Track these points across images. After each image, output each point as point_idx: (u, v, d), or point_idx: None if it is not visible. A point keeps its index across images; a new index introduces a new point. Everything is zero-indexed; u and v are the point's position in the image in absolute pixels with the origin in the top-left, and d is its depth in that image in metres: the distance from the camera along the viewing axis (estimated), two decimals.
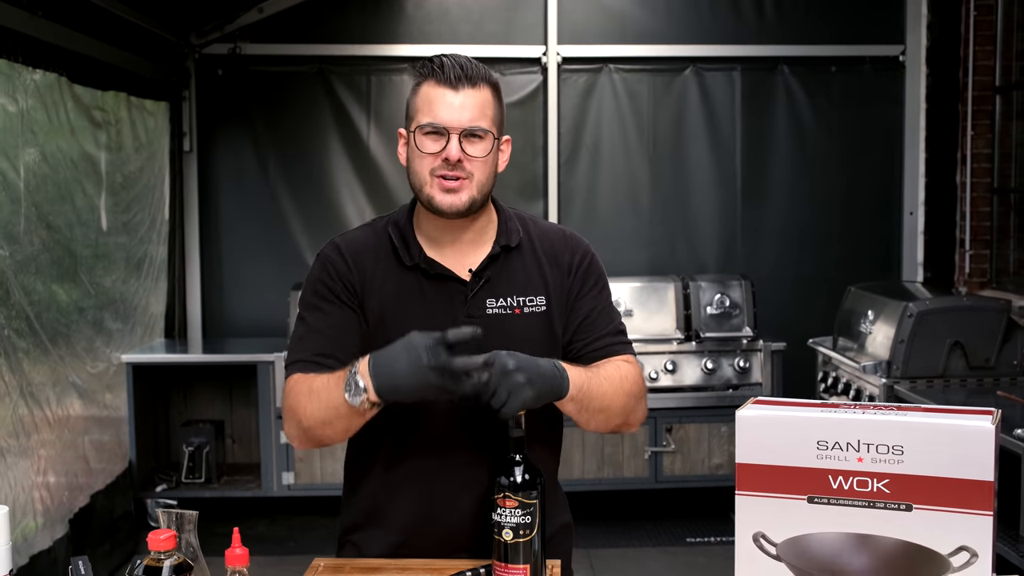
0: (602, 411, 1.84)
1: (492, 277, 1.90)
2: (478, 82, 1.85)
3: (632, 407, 1.90)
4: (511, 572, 1.62)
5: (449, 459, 1.87)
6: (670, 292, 5.38)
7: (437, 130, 1.83)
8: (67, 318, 4.52)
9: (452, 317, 1.87)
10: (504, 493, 1.61)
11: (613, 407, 1.86)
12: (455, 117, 1.83)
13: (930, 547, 1.59)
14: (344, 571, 1.81)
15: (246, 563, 1.47)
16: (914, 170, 6.01)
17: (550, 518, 1.93)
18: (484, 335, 1.63)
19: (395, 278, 1.90)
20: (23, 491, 3.99)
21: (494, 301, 1.90)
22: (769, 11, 5.94)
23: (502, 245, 1.93)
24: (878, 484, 1.62)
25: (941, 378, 4.15)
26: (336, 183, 5.92)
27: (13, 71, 3.88)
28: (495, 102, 1.89)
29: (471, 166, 1.84)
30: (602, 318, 1.96)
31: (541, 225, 2.02)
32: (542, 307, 1.91)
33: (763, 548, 1.70)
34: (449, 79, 1.83)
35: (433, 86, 1.85)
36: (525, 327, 1.89)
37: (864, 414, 1.65)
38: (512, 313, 1.90)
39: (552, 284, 1.93)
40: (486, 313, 1.89)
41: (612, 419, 1.87)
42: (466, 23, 5.90)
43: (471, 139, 1.84)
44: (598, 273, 1.99)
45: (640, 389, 1.92)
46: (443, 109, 1.83)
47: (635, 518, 5.31)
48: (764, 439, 1.69)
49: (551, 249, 1.97)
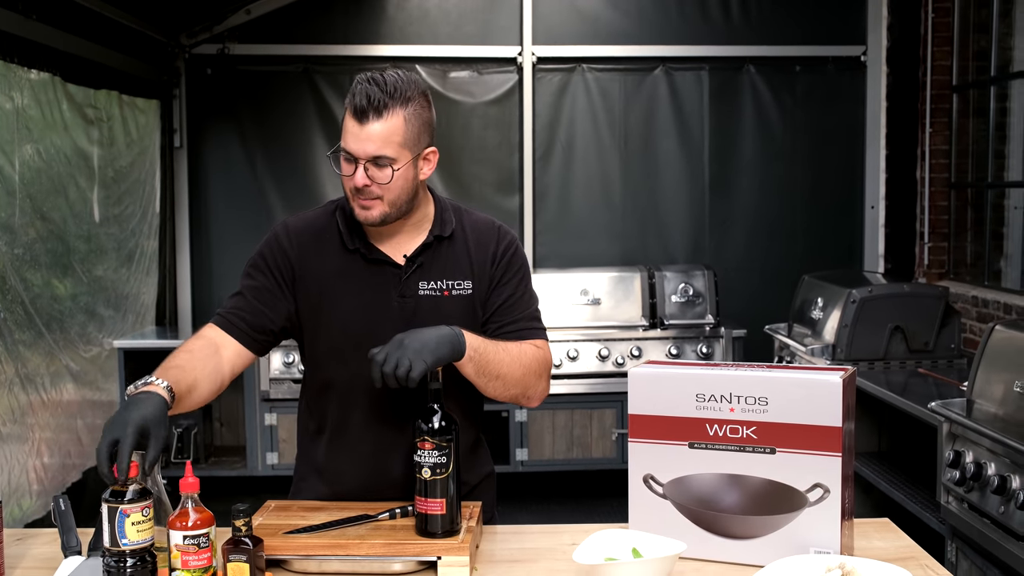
0: (498, 378, 2.04)
1: (425, 263, 2.12)
2: (384, 111, 1.96)
3: (530, 382, 2.10)
4: (430, 505, 1.87)
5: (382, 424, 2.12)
6: (636, 282, 5.64)
7: (347, 157, 2.00)
8: (61, 306, 4.75)
9: (386, 297, 2.10)
10: (423, 437, 1.87)
11: (509, 376, 2.05)
12: (360, 148, 1.97)
13: (791, 484, 1.85)
14: (292, 510, 2.06)
15: (197, 490, 1.72)
16: (875, 166, 6.26)
17: (474, 468, 2.20)
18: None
19: (337, 259, 2.11)
20: (19, 471, 4.23)
21: (425, 283, 2.11)
22: (736, 13, 6.19)
23: (436, 235, 2.13)
24: (747, 431, 1.88)
25: (883, 360, 4.39)
26: (320, 177, 6.17)
27: (9, 71, 4.12)
28: (405, 126, 1.99)
29: (379, 189, 2.00)
30: (519, 304, 2.15)
31: (475, 217, 2.21)
32: (468, 291, 2.13)
33: (652, 488, 1.96)
34: (356, 110, 1.97)
35: (349, 113, 1.99)
36: (451, 307, 2.10)
37: (736, 371, 1.91)
38: (441, 295, 2.11)
39: (477, 270, 2.14)
40: (418, 294, 2.10)
41: (509, 388, 2.07)
42: (445, 24, 6.14)
43: (376, 166, 1.99)
44: (520, 263, 2.18)
45: (541, 367, 2.12)
46: (350, 139, 1.98)
47: (603, 496, 5.54)
48: (652, 393, 1.95)
49: (479, 239, 2.16)
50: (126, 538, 1.68)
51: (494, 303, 2.15)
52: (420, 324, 2.01)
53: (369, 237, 2.13)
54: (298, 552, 1.86)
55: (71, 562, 1.86)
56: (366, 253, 2.12)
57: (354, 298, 2.10)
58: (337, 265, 2.12)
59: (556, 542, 2.05)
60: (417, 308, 2.10)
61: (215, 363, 2.05)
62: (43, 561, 1.97)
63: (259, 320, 2.11)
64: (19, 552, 2.01)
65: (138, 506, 1.68)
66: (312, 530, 1.93)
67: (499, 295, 2.16)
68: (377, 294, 2.11)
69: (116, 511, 1.68)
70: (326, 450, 2.19)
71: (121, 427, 1.70)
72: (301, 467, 2.26)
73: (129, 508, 1.68)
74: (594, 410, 5.53)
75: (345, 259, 2.13)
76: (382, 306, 2.10)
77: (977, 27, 5.65)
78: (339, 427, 2.16)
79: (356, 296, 2.10)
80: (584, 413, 5.53)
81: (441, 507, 1.87)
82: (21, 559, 1.98)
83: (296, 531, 1.92)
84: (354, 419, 2.14)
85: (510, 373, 2.06)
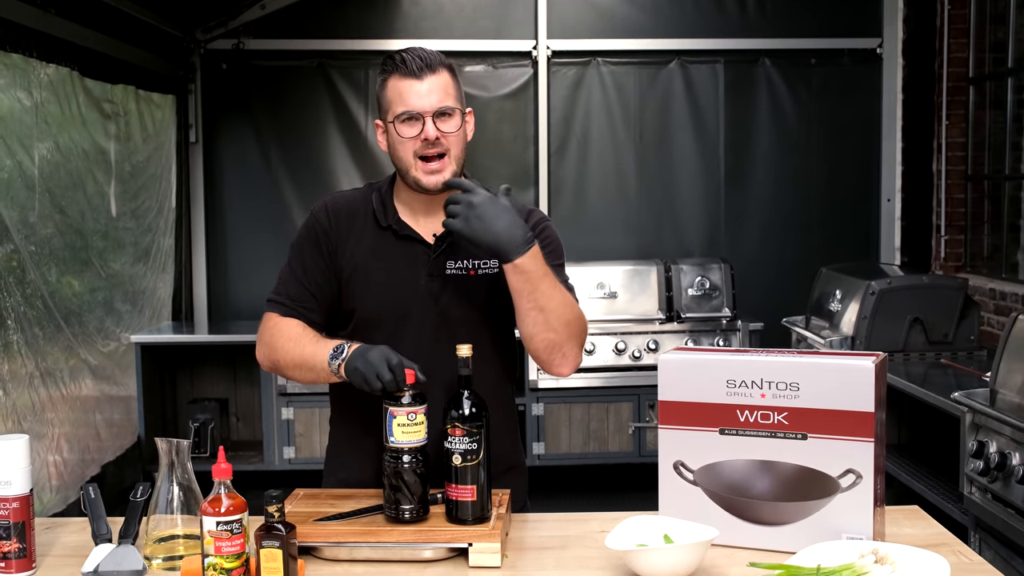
0: (542, 310, 2.00)
1: (454, 242, 2.11)
2: (437, 68, 2.07)
3: (572, 332, 2.05)
4: (460, 491, 1.87)
5: None
6: (653, 275, 5.63)
7: (412, 116, 2.04)
8: (79, 300, 4.77)
9: (415, 276, 2.12)
10: (454, 423, 1.86)
11: (554, 314, 2.01)
12: (427, 101, 2.04)
13: (822, 470, 1.85)
14: (320, 497, 2.06)
15: (230, 476, 1.72)
16: (891, 158, 6.23)
17: (504, 459, 2.19)
18: (425, 381, 1.91)
19: (371, 235, 2.14)
20: (39, 466, 4.24)
21: (453, 263, 2.11)
22: (751, 5, 6.17)
23: None
24: (778, 416, 1.87)
25: (902, 352, 4.38)
26: (335, 171, 6.17)
27: (28, 65, 4.13)
28: (454, 82, 2.10)
29: (447, 141, 2.06)
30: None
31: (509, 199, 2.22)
32: (495, 270, 2.13)
33: (682, 475, 1.96)
34: (413, 71, 2.05)
35: (399, 79, 2.06)
36: (477, 286, 2.11)
37: (767, 356, 1.90)
38: (468, 274, 2.12)
39: None
40: (445, 273, 2.11)
41: (550, 326, 2.01)
42: (459, 18, 6.14)
43: (442, 118, 2.05)
44: (551, 240, 2.16)
45: (581, 327, 2.08)
46: (414, 97, 2.04)
47: (620, 491, 5.54)
48: (682, 379, 1.95)
49: None
50: (393, 436, 1.87)
51: None
52: (446, 305, 2.08)
53: (402, 215, 2.15)
54: (328, 539, 1.86)
55: (102, 549, 1.86)
56: (397, 230, 2.14)
57: (383, 275, 2.12)
58: (369, 243, 2.15)
59: (586, 529, 2.04)
60: (444, 287, 2.11)
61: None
62: (73, 549, 1.97)
63: (321, 307, 2.16)
64: (49, 540, 2.02)
65: (404, 409, 1.86)
66: (342, 517, 1.93)
67: None
68: (406, 272, 2.12)
69: (387, 411, 1.88)
70: (352, 435, 2.19)
71: (382, 353, 1.89)
72: (331, 459, 2.26)
73: (396, 410, 1.87)
74: (611, 404, 5.52)
75: (378, 236, 2.15)
76: (410, 285, 2.11)
77: (994, 18, 5.63)
78: (365, 411, 2.16)
79: (385, 273, 2.13)
80: (601, 407, 5.52)
81: (472, 494, 1.87)
82: (51, 547, 1.99)
83: (326, 518, 1.92)
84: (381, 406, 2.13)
85: (556, 310, 2.02)
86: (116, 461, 4.98)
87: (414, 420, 1.85)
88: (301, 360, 2.06)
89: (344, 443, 2.24)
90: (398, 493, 1.85)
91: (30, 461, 1.85)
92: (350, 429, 2.21)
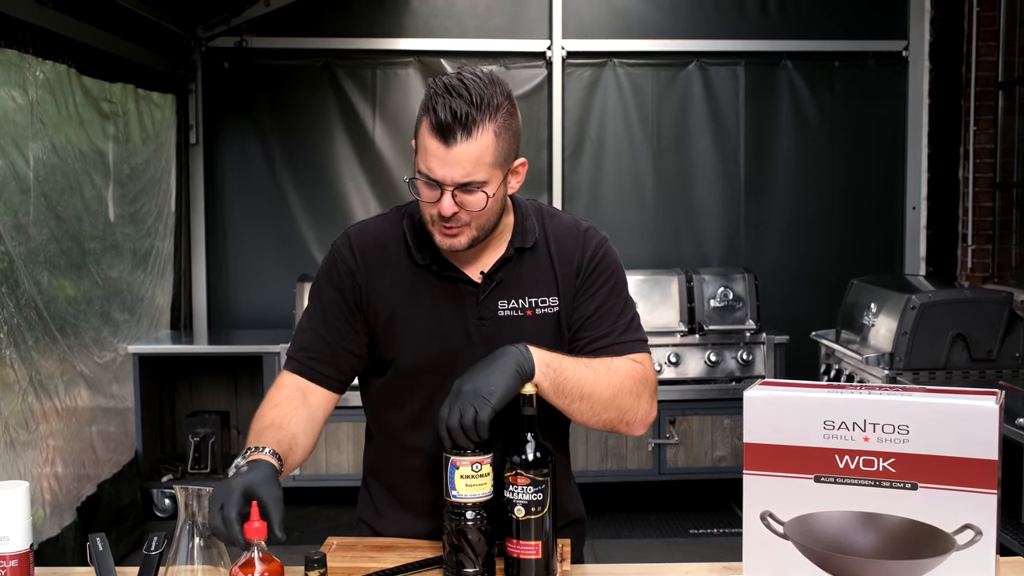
0: (583, 399, 1.79)
1: (504, 279, 1.87)
2: (473, 128, 1.70)
3: (626, 403, 1.85)
4: (523, 548, 1.64)
5: None
6: (674, 285, 5.41)
7: (431, 182, 1.74)
8: (75, 308, 4.55)
9: (463, 319, 1.87)
10: (516, 471, 1.64)
11: (597, 397, 1.81)
12: (448, 173, 1.71)
13: (935, 525, 1.62)
14: (356, 549, 1.84)
15: (264, 536, 1.50)
16: (917, 165, 6.04)
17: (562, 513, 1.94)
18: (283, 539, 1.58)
19: (407, 276, 1.88)
20: (31, 480, 4.01)
21: (506, 303, 1.87)
22: (772, 6, 5.97)
23: (516, 247, 1.88)
24: (884, 463, 1.65)
25: (944, 370, 4.18)
26: (341, 176, 5.95)
27: (23, 62, 3.90)
28: (497, 142, 1.73)
29: (467, 216, 1.76)
30: (608, 316, 1.90)
31: (558, 220, 1.96)
32: (554, 308, 1.89)
33: (770, 527, 1.73)
34: (441, 130, 1.70)
35: (428, 131, 1.72)
36: (536, 328, 1.86)
37: (870, 395, 1.68)
38: (523, 315, 1.87)
39: (563, 284, 1.90)
40: (497, 315, 1.87)
41: (600, 411, 1.83)
42: (471, 17, 5.93)
43: (466, 192, 1.74)
44: (609, 269, 1.93)
45: (639, 386, 1.86)
46: (435, 164, 1.72)
47: (639, 509, 5.34)
48: (771, 419, 1.72)
49: (563, 247, 1.91)
50: (455, 490, 1.65)
51: (581, 316, 1.90)
52: None
53: (442, 251, 1.86)
54: None
55: None
56: (438, 270, 1.87)
57: (426, 321, 1.85)
58: (406, 283, 1.87)
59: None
60: (497, 331, 1.85)
61: (307, 413, 1.83)
62: None
63: (343, 359, 1.88)
64: None
65: (469, 459, 1.64)
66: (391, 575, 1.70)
67: (586, 307, 1.90)
68: (452, 316, 1.86)
69: (448, 461, 1.66)
70: (392, 488, 1.97)
71: (226, 494, 1.55)
72: (366, 499, 2.03)
73: (459, 460, 1.64)
74: None
75: (416, 276, 1.88)
76: (458, 330, 1.86)
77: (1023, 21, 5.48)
78: (407, 465, 1.93)
79: (428, 318, 1.86)
80: None
81: (536, 550, 1.64)
82: None
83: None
84: (425, 456, 1.89)
85: (597, 393, 1.80)
86: (113, 479, 4.75)
87: (479, 471, 1.62)
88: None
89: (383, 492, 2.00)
90: (460, 554, 1.63)
91: (30, 512, 1.61)
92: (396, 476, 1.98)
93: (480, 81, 1.72)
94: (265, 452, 1.68)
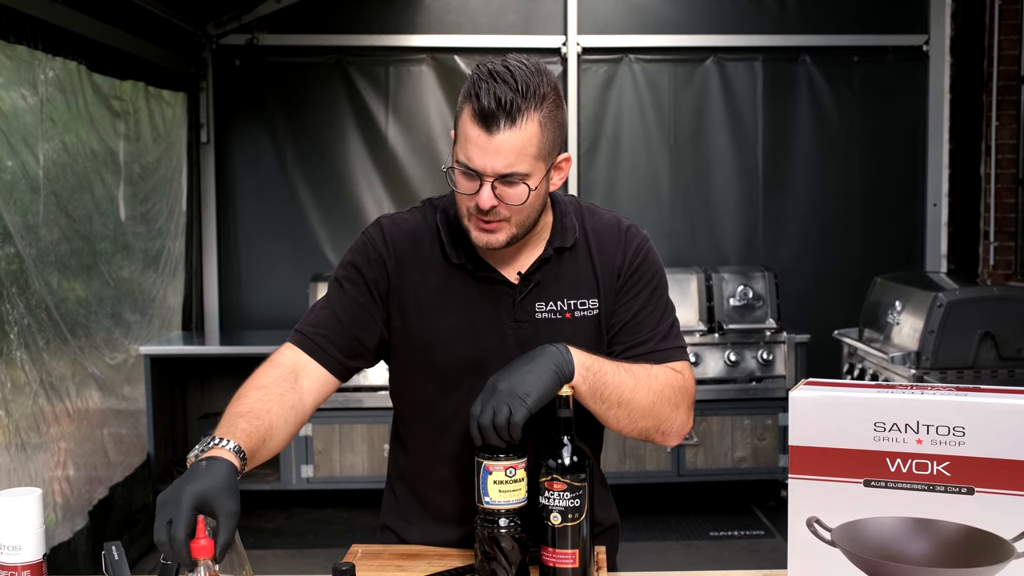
0: (620, 405, 1.72)
1: (542, 280, 1.80)
2: (518, 116, 1.62)
3: (664, 413, 1.78)
4: (559, 557, 1.57)
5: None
6: (693, 284, 5.33)
7: (470, 172, 1.67)
8: (86, 309, 4.49)
9: (498, 321, 1.79)
10: (552, 476, 1.56)
11: (635, 404, 1.73)
12: (488, 163, 1.64)
13: (993, 532, 1.54)
14: (383, 557, 1.76)
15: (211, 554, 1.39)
16: (938, 161, 5.95)
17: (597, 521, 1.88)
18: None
19: (440, 272, 1.80)
20: (43, 484, 3.96)
21: (543, 305, 1.79)
22: (791, 0, 5.88)
23: (555, 247, 1.81)
24: (938, 467, 1.57)
25: (971, 369, 4.09)
26: (354, 174, 5.88)
27: (33, 58, 3.84)
28: (541, 132, 1.65)
29: (507, 210, 1.68)
30: (648, 320, 1.83)
31: (598, 218, 1.88)
32: (594, 310, 1.81)
33: (817, 533, 1.65)
34: (484, 117, 1.62)
35: (470, 118, 1.64)
36: (575, 332, 1.79)
37: (923, 395, 1.60)
38: (562, 317, 1.80)
39: (604, 286, 1.83)
40: (535, 317, 1.79)
41: (637, 419, 1.75)
42: (485, 13, 5.85)
43: (507, 184, 1.66)
44: (651, 271, 1.85)
45: (677, 395, 1.80)
46: (475, 153, 1.64)
47: (658, 512, 5.26)
48: (818, 421, 1.64)
49: (603, 246, 1.84)
50: (488, 496, 1.59)
51: (620, 320, 1.82)
52: None
53: (477, 250, 1.78)
54: None
55: None
56: (473, 269, 1.79)
57: (459, 322, 1.77)
58: (438, 281, 1.79)
59: None
60: (534, 334, 1.77)
61: (293, 399, 1.70)
62: None
63: (352, 344, 1.79)
64: None
65: (502, 464, 1.57)
66: None
67: (626, 311, 1.82)
68: (487, 318, 1.78)
69: (480, 466, 1.59)
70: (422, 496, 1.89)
71: (174, 506, 1.40)
72: (391, 504, 1.95)
73: (492, 464, 1.57)
74: None
75: (448, 274, 1.79)
76: (493, 332, 1.78)
77: None
78: (439, 473, 1.85)
79: (461, 320, 1.78)
80: None
81: (573, 559, 1.57)
82: None
83: None
84: (456, 463, 1.82)
85: (635, 400, 1.72)
86: (125, 482, 4.69)
87: (513, 476, 1.55)
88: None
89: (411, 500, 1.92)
90: (493, 563, 1.55)
91: (43, 520, 1.54)
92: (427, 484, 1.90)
93: (526, 68, 1.65)
94: (229, 447, 1.55)
